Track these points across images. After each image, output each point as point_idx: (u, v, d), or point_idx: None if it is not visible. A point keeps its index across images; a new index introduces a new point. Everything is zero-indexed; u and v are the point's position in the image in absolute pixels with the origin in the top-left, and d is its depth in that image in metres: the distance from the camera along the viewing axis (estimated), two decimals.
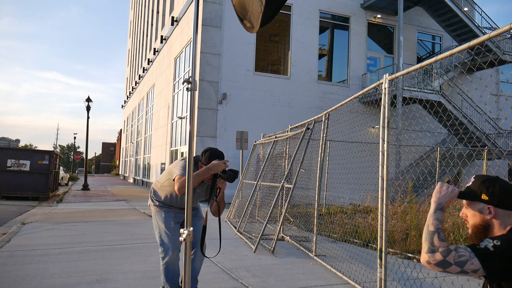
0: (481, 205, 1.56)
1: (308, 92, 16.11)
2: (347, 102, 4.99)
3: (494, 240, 1.44)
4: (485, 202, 1.55)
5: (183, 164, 3.26)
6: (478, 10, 18.12)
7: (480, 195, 1.56)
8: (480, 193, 1.56)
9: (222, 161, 3.21)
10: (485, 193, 1.55)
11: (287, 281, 4.48)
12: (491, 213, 1.54)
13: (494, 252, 1.40)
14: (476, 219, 1.58)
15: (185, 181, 3.19)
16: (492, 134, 16.43)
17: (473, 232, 1.60)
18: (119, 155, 55.53)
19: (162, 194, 3.51)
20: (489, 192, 1.55)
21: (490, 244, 1.43)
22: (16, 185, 13.90)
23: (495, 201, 1.53)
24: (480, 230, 1.57)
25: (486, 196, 1.55)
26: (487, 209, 1.55)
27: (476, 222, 1.58)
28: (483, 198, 1.55)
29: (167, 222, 3.44)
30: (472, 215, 1.60)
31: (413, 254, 5.67)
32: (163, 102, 21.71)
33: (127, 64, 46.94)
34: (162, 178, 3.55)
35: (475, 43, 2.60)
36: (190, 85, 2.22)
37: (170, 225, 3.42)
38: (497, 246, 1.41)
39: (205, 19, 14.56)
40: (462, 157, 13.24)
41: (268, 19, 1.75)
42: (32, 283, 4.20)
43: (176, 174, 3.21)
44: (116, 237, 7.03)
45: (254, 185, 8.09)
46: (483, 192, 1.56)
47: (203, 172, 3.16)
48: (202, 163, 3.31)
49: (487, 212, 1.55)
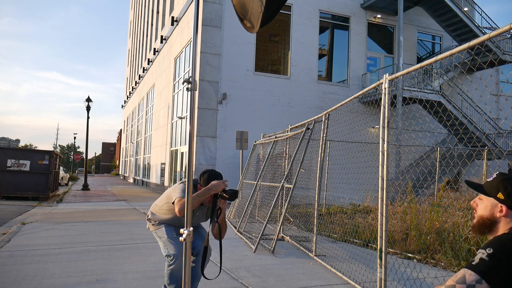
0: (495, 202, 1.60)
1: (308, 92, 16.11)
2: (347, 102, 4.99)
3: (486, 248, 1.46)
4: (500, 200, 1.58)
5: (182, 187, 3.24)
6: (478, 10, 18.12)
7: (497, 193, 1.59)
8: (497, 191, 1.59)
9: (221, 181, 3.18)
10: (502, 192, 1.58)
11: (287, 281, 4.48)
12: (502, 212, 1.57)
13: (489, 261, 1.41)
14: (485, 212, 1.62)
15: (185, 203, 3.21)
16: (492, 134, 16.43)
17: (478, 223, 1.65)
18: (119, 155, 55.54)
19: (161, 216, 3.50)
20: (506, 192, 1.58)
21: (484, 255, 1.44)
22: (16, 185, 13.91)
23: (509, 202, 1.57)
24: (486, 223, 1.61)
25: (503, 195, 1.58)
26: (499, 207, 1.58)
27: (484, 215, 1.63)
28: (498, 196, 1.58)
29: (169, 233, 3.43)
30: (483, 207, 1.64)
31: (413, 254, 5.67)
32: (163, 102, 21.71)
33: (127, 64, 46.95)
34: (161, 201, 3.53)
35: (475, 43, 2.60)
36: (190, 85, 2.21)
37: (173, 235, 3.42)
38: (491, 254, 1.42)
39: (205, 19, 14.56)
40: (462, 157, 13.23)
41: (268, 19, 1.75)
42: (32, 283, 4.20)
43: (176, 197, 3.18)
44: (116, 237, 7.03)
45: (254, 185, 8.09)
46: (500, 190, 1.59)
47: (203, 193, 3.13)
48: (201, 185, 3.29)
49: (498, 210, 1.59)
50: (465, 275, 1.42)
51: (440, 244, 5.42)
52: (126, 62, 48.82)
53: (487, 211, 1.61)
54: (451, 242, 5.30)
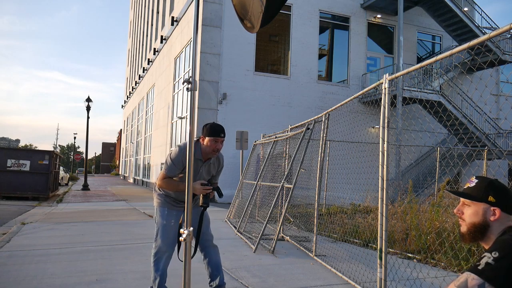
0: (486, 206, 1.57)
1: (308, 92, 16.11)
2: (347, 102, 4.99)
3: (492, 252, 1.42)
4: (492, 203, 1.56)
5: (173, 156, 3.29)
6: (478, 10, 18.13)
7: (487, 197, 1.57)
8: (487, 194, 1.57)
9: (202, 187, 3.14)
10: (492, 194, 1.56)
11: (287, 281, 4.48)
12: (495, 215, 1.55)
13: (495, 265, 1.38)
14: (476, 218, 1.58)
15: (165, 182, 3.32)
16: (492, 134, 16.43)
17: (469, 231, 1.60)
18: (119, 155, 55.53)
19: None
20: (497, 194, 1.56)
21: (489, 259, 1.40)
22: (16, 185, 13.90)
23: (502, 204, 1.55)
24: (478, 229, 1.57)
25: (494, 198, 1.56)
26: (492, 211, 1.56)
27: (475, 221, 1.58)
28: (490, 200, 1.56)
29: (164, 219, 3.42)
30: (473, 214, 1.59)
31: (413, 254, 5.67)
32: (163, 102, 21.71)
33: (127, 64, 46.94)
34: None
35: (475, 43, 2.60)
36: (190, 85, 2.21)
37: (170, 223, 3.41)
38: (497, 258, 1.39)
39: (205, 19, 14.56)
40: (462, 157, 13.24)
41: (268, 19, 1.75)
42: (32, 283, 4.20)
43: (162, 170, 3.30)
44: (116, 237, 7.03)
45: (254, 185, 8.08)
46: (489, 193, 1.56)
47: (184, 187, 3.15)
48: (203, 136, 3.32)
49: (491, 213, 1.56)
50: (468, 279, 1.39)
51: (440, 244, 5.42)
52: (126, 62, 48.84)
53: (479, 217, 1.57)
54: (451, 242, 5.30)
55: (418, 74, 15.83)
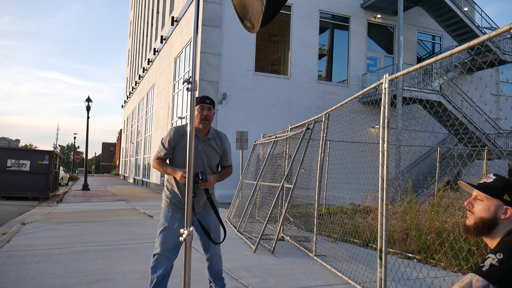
0: (499, 203, 1.57)
1: (308, 92, 16.11)
2: (347, 102, 4.99)
3: (496, 253, 1.41)
4: (506, 202, 1.56)
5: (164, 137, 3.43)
6: (478, 10, 18.13)
7: (503, 195, 1.57)
8: (503, 192, 1.57)
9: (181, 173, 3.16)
10: (509, 194, 1.57)
11: (287, 281, 4.48)
12: (506, 214, 1.55)
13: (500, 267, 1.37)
14: (486, 214, 1.58)
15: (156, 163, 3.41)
16: (492, 134, 16.43)
17: (476, 224, 1.60)
18: (119, 155, 55.54)
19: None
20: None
21: (494, 260, 1.39)
22: (16, 185, 13.90)
23: None
24: (486, 224, 1.58)
25: (509, 197, 1.56)
26: (504, 209, 1.56)
27: (484, 216, 1.58)
28: (505, 198, 1.57)
29: (171, 222, 3.32)
30: (484, 209, 1.59)
31: (413, 254, 5.67)
32: (163, 102, 21.71)
33: (127, 64, 46.94)
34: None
35: (475, 43, 2.60)
36: (190, 85, 2.21)
37: (173, 226, 3.32)
38: (502, 260, 1.38)
39: (205, 19, 14.56)
40: (462, 157, 13.24)
41: (268, 19, 1.75)
42: (32, 283, 4.20)
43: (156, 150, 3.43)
44: (116, 237, 7.03)
45: (254, 185, 8.08)
46: (506, 192, 1.57)
47: (169, 171, 3.30)
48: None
49: (502, 211, 1.56)
50: (472, 281, 1.38)
51: (440, 244, 5.42)
52: (126, 62, 48.84)
53: (489, 213, 1.57)
54: (451, 242, 5.30)
55: (418, 74, 15.83)
